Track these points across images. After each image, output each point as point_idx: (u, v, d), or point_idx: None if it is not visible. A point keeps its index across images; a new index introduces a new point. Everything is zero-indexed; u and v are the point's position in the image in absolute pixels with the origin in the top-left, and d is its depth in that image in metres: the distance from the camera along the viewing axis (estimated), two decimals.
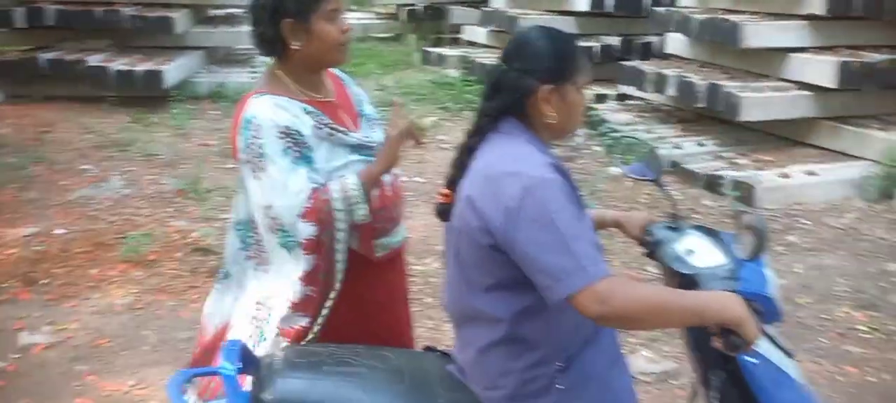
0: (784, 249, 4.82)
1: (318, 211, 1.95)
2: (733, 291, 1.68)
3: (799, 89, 6.30)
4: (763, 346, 1.76)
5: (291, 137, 1.94)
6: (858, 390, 3.36)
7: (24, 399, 3.20)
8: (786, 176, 5.70)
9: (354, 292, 2.08)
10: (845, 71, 5.91)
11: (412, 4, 11.67)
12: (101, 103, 7.63)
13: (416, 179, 5.86)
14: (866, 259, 4.69)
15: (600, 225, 2.12)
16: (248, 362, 1.77)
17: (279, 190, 1.92)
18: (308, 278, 2.01)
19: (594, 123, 7.22)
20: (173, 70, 7.80)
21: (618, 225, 2.12)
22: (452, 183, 1.79)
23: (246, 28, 2.25)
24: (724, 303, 1.61)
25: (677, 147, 6.51)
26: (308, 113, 1.99)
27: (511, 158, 1.66)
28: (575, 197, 1.66)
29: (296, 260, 2.00)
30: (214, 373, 1.82)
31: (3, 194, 5.42)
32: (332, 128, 2.00)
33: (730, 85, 6.38)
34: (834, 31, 6.41)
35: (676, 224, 2.02)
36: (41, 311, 3.92)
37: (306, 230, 1.96)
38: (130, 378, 3.36)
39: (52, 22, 8.00)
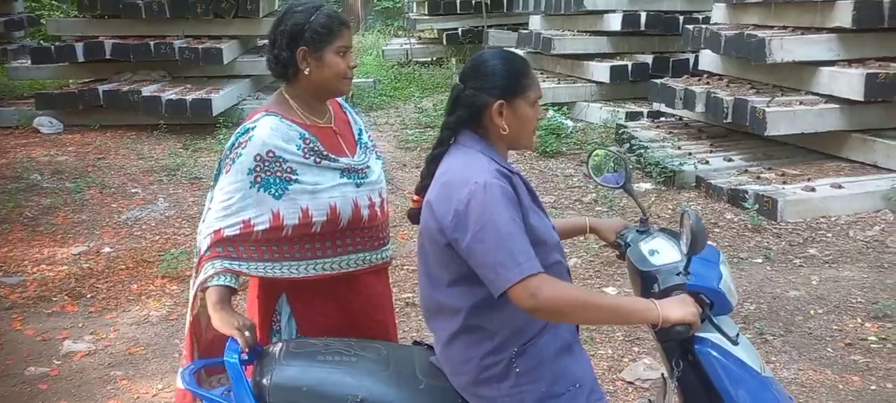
0: (802, 262, 4.84)
1: (202, 257, 2.15)
2: (684, 285, 1.91)
3: (827, 103, 6.28)
4: (709, 334, 1.93)
5: (266, 163, 2.12)
6: (858, 398, 3.38)
7: (63, 401, 3.50)
8: (811, 189, 5.69)
9: (344, 299, 2.28)
10: (872, 83, 5.87)
11: (453, 29, 11.95)
12: (154, 131, 8.11)
13: None
14: (887, 271, 4.67)
15: (579, 231, 2.32)
16: (252, 353, 2.00)
17: (223, 195, 2.12)
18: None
19: (621, 140, 7.31)
20: (221, 98, 8.23)
21: (594, 230, 2.31)
22: (422, 190, 1.97)
23: None
24: (644, 307, 1.83)
25: (704, 162, 6.55)
26: (303, 138, 2.17)
27: (463, 166, 1.84)
28: (515, 201, 1.81)
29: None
30: (221, 364, 2.01)
31: (58, 216, 5.84)
32: (320, 155, 2.19)
33: (756, 100, 6.40)
34: (862, 43, 6.38)
35: (645, 228, 2.21)
36: (84, 322, 4.26)
37: (204, 244, 2.17)
38: (159, 383, 3.63)
39: (108, 55, 8.55)
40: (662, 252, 2.06)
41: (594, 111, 8.72)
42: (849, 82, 6.03)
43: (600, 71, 8.92)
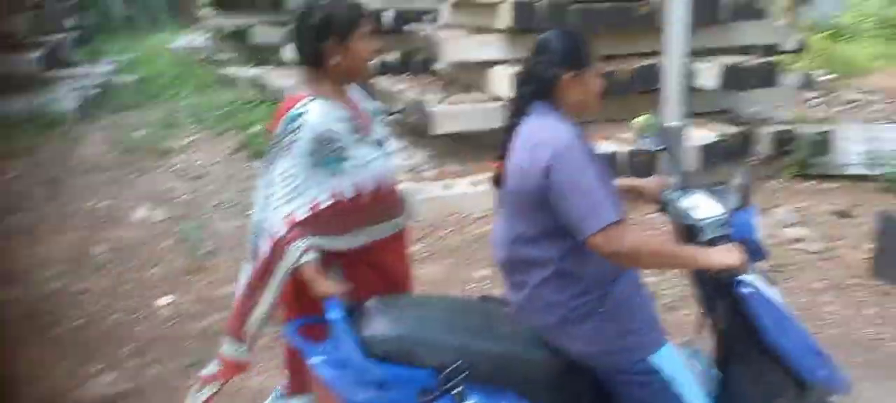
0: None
1: (278, 241, 2.30)
2: (727, 235, 2.21)
3: (494, 101, 6.48)
4: (751, 278, 2.21)
5: (322, 143, 2.31)
6: None
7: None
8: (449, 187, 5.86)
9: (382, 264, 2.53)
10: None
11: (243, 26, 11.81)
12: None
13: None
14: (467, 266, 4.84)
15: (624, 192, 2.53)
16: (348, 312, 2.18)
17: (288, 179, 2.30)
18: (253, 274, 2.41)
19: None
20: None
21: (638, 191, 2.55)
22: (502, 156, 2.22)
23: None
24: (705, 255, 2.12)
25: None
26: (347, 118, 2.38)
27: (545, 130, 2.09)
28: (594, 159, 2.05)
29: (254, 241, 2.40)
30: (323, 322, 2.17)
31: None
32: (361, 132, 2.41)
33: (429, 99, 6.55)
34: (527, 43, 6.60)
35: (686, 185, 2.45)
36: None
37: (263, 243, 2.34)
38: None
39: None
40: (702, 206, 2.31)
41: None
42: (502, 81, 6.24)
43: None
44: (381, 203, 2.46)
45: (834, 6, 15.90)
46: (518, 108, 2.20)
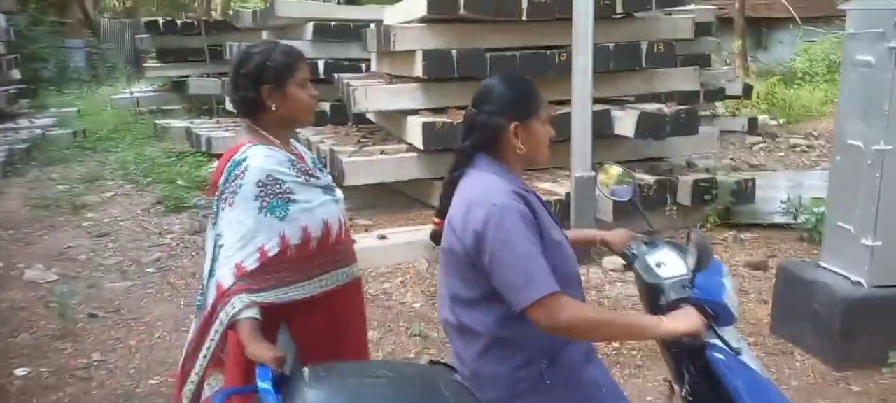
0: None
1: (224, 293, 2.17)
2: (689, 298, 2.01)
3: (408, 151, 6.32)
4: (716, 343, 2.03)
5: (268, 186, 2.21)
6: None
7: None
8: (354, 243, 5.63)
9: (333, 315, 2.38)
10: (429, 132, 5.93)
11: (184, 76, 11.69)
12: None
13: None
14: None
15: (589, 242, 2.46)
16: (278, 380, 1.99)
17: (235, 227, 2.19)
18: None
19: None
20: None
21: (604, 242, 2.39)
22: (442, 212, 2.06)
23: None
24: (652, 323, 1.93)
25: None
26: (290, 161, 2.29)
27: (481, 188, 1.93)
28: (532, 221, 1.89)
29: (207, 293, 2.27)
30: (253, 391, 2.00)
31: None
32: (307, 175, 2.32)
33: (342, 150, 6.37)
34: (445, 92, 6.46)
35: (653, 240, 2.29)
36: None
37: (211, 296, 2.20)
38: None
39: None
40: (669, 264, 2.15)
41: None
42: (413, 131, 6.07)
43: None
44: (332, 250, 2.35)
45: (787, 51, 16.06)
46: (459, 161, 2.04)
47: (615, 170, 2.54)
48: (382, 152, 6.36)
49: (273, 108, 2.28)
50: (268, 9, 9.18)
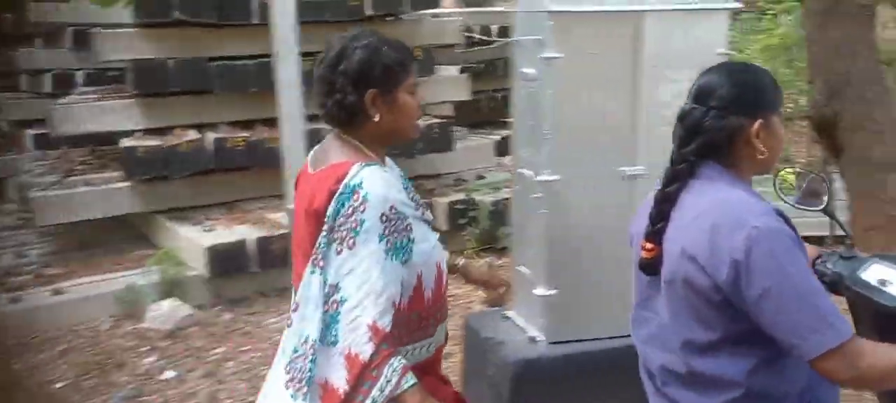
0: None
1: (366, 365, 1.74)
2: None
3: (124, 181, 5.38)
4: None
5: (392, 222, 1.77)
6: None
7: None
8: (15, 301, 4.64)
9: (438, 375, 2.04)
10: (130, 157, 5.05)
11: None
12: None
13: None
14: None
15: None
16: None
17: (359, 276, 1.75)
18: None
19: None
20: None
21: None
22: (656, 235, 1.71)
23: None
24: None
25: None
26: (407, 188, 1.91)
27: (726, 206, 1.61)
28: (804, 248, 1.60)
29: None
30: None
31: None
32: (420, 206, 1.92)
33: (42, 181, 5.38)
34: (176, 108, 5.57)
35: (850, 254, 1.91)
36: None
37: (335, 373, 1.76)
38: None
39: None
40: (894, 281, 1.73)
41: None
42: (130, 155, 5.16)
43: None
44: (444, 300, 2.02)
45: None
46: (679, 172, 1.71)
47: (796, 173, 2.16)
48: (86, 183, 5.39)
49: (375, 119, 1.85)
50: None
